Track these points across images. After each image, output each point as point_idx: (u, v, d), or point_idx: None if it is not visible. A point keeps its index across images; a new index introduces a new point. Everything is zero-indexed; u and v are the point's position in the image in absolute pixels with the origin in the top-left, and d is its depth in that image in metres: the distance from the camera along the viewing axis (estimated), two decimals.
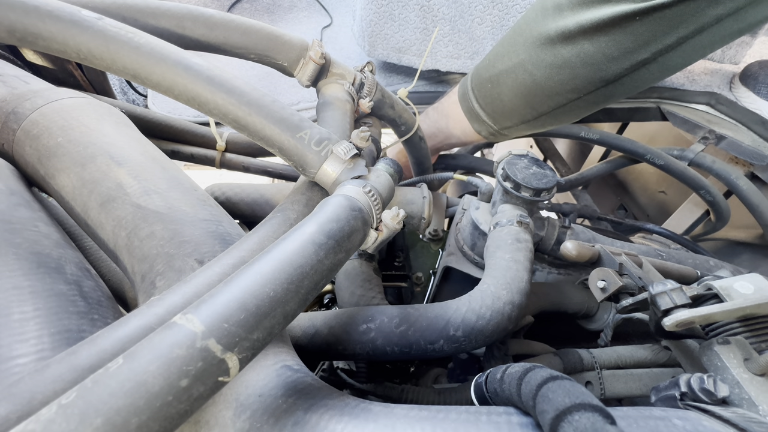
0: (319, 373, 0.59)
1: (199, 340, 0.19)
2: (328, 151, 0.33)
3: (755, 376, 0.33)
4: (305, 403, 0.28)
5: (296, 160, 0.33)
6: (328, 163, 0.33)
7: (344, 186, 0.32)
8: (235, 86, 0.31)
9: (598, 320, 0.61)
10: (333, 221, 0.27)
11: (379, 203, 0.32)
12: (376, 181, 0.34)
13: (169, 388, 0.18)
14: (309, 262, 0.24)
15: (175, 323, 0.20)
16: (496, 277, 0.46)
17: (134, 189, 0.39)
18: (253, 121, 0.31)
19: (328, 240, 0.26)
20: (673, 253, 0.68)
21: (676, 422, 0.27)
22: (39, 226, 0.38)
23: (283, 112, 0.32)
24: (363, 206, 0.30)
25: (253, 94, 0.32)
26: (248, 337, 0.21)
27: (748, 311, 0.34)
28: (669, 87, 0.99)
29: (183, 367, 0.19)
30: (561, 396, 0.25)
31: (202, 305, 0.21)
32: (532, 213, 0.59)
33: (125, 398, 0.18)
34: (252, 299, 0.21)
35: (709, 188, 0.92)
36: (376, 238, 0.32)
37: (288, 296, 0.23)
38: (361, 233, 0.30)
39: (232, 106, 0.31)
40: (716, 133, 0.90)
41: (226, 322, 0.20)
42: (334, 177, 0.33)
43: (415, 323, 0.43)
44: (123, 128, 0.47)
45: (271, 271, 0.23)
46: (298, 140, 0.32)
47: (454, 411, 0.28)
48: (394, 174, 0.36)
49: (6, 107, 0.44)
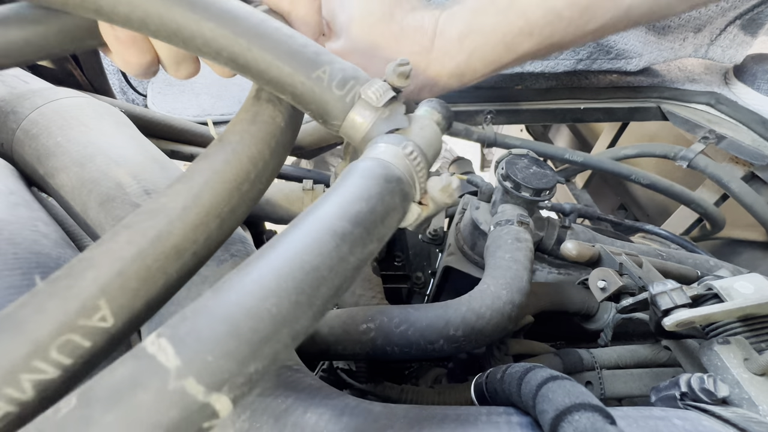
0: (319, 373, 0.59)
1: (172, 380, 0.14)
2: (356, 95, 0.25)
3: (755, 375, 0.33)
4: (305, 403, 0.28)
5: (314, 108, 0.25)
6: (355, 110, 0.25)
7: (377, 145, 0.24)
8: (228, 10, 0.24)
9: (598, 320, 0.61)
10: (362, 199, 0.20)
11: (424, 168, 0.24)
12: (420, 137, 0.25)
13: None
14: (327, 262, 0.18)
15: (144, 351, 0.15)
16: (496, 277, 0.46)
17: (134, 189, 0.39)
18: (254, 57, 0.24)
19: (355, 228, 0.19)
20: (673, 253, 0.68)
21: (676, 422, 0.27)
22: (38, 226, 0.38)
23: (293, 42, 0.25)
24: (402, 174, 0.22)
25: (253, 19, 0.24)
26: (242, 372, 0.15)
27: (748, 311, 0.34)
28: (669, 87, 0.99)
29: (151, 418, 0.14)
30: (561, 396, 0.25)
31: (180, 326, 0.15)
32: (533, 213, 0.59)
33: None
34: (246, 320, 0.16)
35: (698, 201, 0.92)
36: (419, 215, 0.24)
37: (298, 311, 0.17)
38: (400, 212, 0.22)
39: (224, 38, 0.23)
40: (716, 132, 0.90)
41: (210, 353, 0.15)
42: (364, 130, 0.25)
43: (415, 323, 0.43)
44: (122, 128, 0.47)
45: (273, 278, 0.17)
46: (315, 81, 0.24)
47: (454, 411, 0.28)
48: (442, 122, 0.28)
49: (5, 107, 0.44)
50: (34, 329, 0.17)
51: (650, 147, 0.99)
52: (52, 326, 0.17)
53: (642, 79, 1.00)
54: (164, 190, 0.22)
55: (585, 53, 0.91)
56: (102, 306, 0.18)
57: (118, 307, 0.19)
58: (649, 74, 1.01)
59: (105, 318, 0.18)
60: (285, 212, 0.77)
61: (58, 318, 0.17)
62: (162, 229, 0.20)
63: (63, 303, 0.18)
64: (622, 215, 1.38)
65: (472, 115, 0.99)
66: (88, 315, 0.18)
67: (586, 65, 0.94)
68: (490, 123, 0.99)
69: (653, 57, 0.92)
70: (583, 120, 1.03)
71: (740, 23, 0.87)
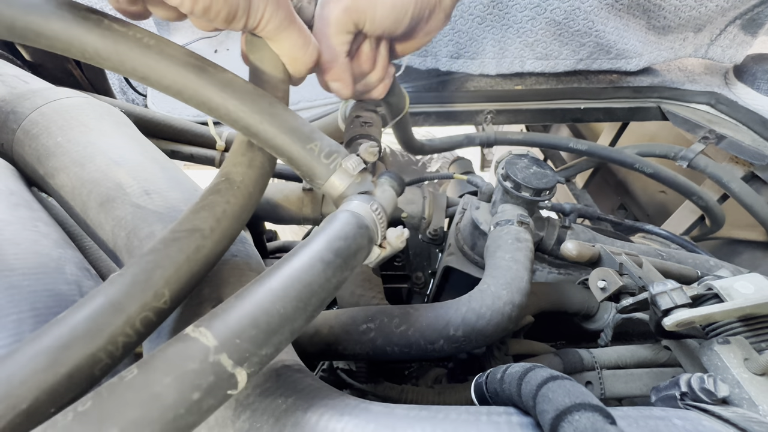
0: (319, 373, 0.59)
1: (211, 355, 0.20)
2: (337, 164, 0.33)
3: (755, 375, 0.33)
4: (305, 403, 0.28)
5: (304, 171, 0.33)
6: (336, 176, 0.33)
7: (351, 201, 0.32)
8: (248, 92, 0.31)
9: (598, 320, 0.61)
10: (341, 239, 0.27)
11: (384, 220, 0.33)
12: (382, 197, 0.34)
13: (181, 401, 0.19)
14: (317, 280, 0.25)
15: (188, 336, 0.21)
16: (496, 277, 0.46)
17: (134, 189, 0.39)
18: (264, 129, 0.31)
19: (336, 258, 0.26)
20: (673, 252, 0.68)
21: (676, 422, 0.27)
22: (38, 226, 0.38)
23: (294, 121, 0.32)
24: (369, 224, 0.30)
25: (265, 101, 0.32)
26: (257, 353, 0.21)
27: (748, 311, 0.34)
28: (669, 87, 0.99)
29: (195, 381, 0.19)
30: (561, 396, 0.25)
31: (214, 319, 0.22)
32: (533, 213, 0.59)
33: (139, 409, 0.18)
34: (263, 315, 0.22)
35: (700, 194, 0.92)
36: (379, 255, 0.33)
37: (296, 313, 0.23)
38: (366, 251, 0.30)
39: (243, 113, 0.30)
40: (716, 132, 0.90)
41: (238, 337, 0.21)
42: (341, 190, 0.33)
43: (415, 323, 0.43)
44: (122, 128, 0.47)
45: (281, 287, 0.23)
46: (308, 151, 0.32)
47: (454, 411, 0.28)
48: (397, 188, 0.37)
49: (5, 107, 0.44)
50: (129, 307, 0.25)
51: (650, 147, 0.99)
52: (138, 306, 0.25)
53: (642, 79, 1.00)
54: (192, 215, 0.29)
55: (585, 53, 0.91)
56: (166, 294, 0.26)
57: (174, 295, 0.27)
58: (649, 74, 1.01)
59: (166, 302, 0.26)
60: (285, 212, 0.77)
61: (142, 300, 0.25)
62: (199, 243, 0.28)
63: (145, 290, 0.26)
64: (622, 215, 1.38)
65: (472, 115, 0.99)
66: (159, 299, 0.26)
67: (586, 65, 0.94)
68: (491, 123, 0.99)
69: (653, 57, 0.92)
70: (583, 120, 1.03)
71: (740, 23, 0.87)
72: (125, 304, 0.25)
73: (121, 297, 0.25)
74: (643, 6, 0.83)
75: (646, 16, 0.86)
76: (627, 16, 0.86)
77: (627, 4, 0.83)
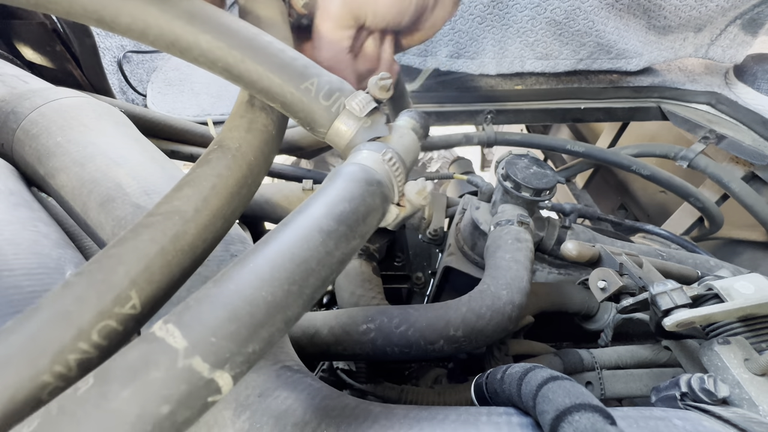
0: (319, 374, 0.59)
1: (180, 359, 0.16)
2: (340, 105, 0.27)
3: (755, 376, 0.33)
4: (305, 403, 0.28)
5: (302, 117, 0.27)
6: (340, 120, 0.27)
7: (359, 151, 0.26)
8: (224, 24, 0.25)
9: (598, 320, 0.61)
10: (345, 200, 0.22)
11: (402, 172, 0.27)
12: (399, 144, 0.28)
13: (146, 416, 0.16)
14: (315, 255, 0.20)
15: (154, 335, 0.17)
16: (496, 277, 0.46)
17: (133, 189, 0.39)
18: (247, 68, 0.25)
19: (339, 225, 0.21)
20: (673, 253, 0.68)
21: (676, 422, 0.27)
22: (38, 226, 0.38)
23: (284, 55, 0.26)
24: (382, 178, 0.25)
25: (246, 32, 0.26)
26: (241, 351, 0.17)
27: (749, 311, 0.34)
28: (670, 86, 0.99)
29: (162, 392, 0.16)
30: (561, 396, 0.25)
31: (184, 313, 0.18)
32: (533, 213, 0.59)
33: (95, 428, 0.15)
34: (245, 306, 0.18)
35: (697, 195, 0.92)
36: (398, 215, 0.27)
37: (290, 299, 0.19)
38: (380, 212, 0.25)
39: (220, 50, 0.25)
40: (717, 132, 0.90)
41: (213, 335, 0.17)
42: (348, 138, 0.28)
43: (415, 323, 0.43)
44: (122, 128, 0.47)
45: (267, 269, 0.19)
46: (303, 92, 0.26)
47: (454, 411, 0.28)
48: (419, 130, 0.30)
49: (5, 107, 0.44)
50: (80, 317, 0.20)
51: (650, 147, 0.99)
52: (93, 314, 0.20)
53: (642, 79, 1.00)
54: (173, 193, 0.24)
55: (585, 53, 0.91)
56: (133, 296, 0.21)
57: (144, 297, 0.22)
58: (649, 74, 1.01)
59: (135, 306, 0.21)
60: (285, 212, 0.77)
61: (98, 307, 0.20)
62: (179, 229, 0.23)
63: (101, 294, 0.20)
64: (623, 215, 1.38)
65: (472, 115, 0.99)
66: (122, 304, 0.21)
67: (586, 65, 0.94)
68: (491, 123, 0.99)
69: (654, 57, 0.92)
70: (583, 120, 1.03)
71: (740, 23, 0.87)
72: (74, 312, 0.20)
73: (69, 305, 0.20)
74: (644, 6, 0.83)
75: (646, 16, 0.86)
76: (627, 15, 0.86)
77: (627, 4, 0.83)
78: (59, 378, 0.19)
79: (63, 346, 0.19)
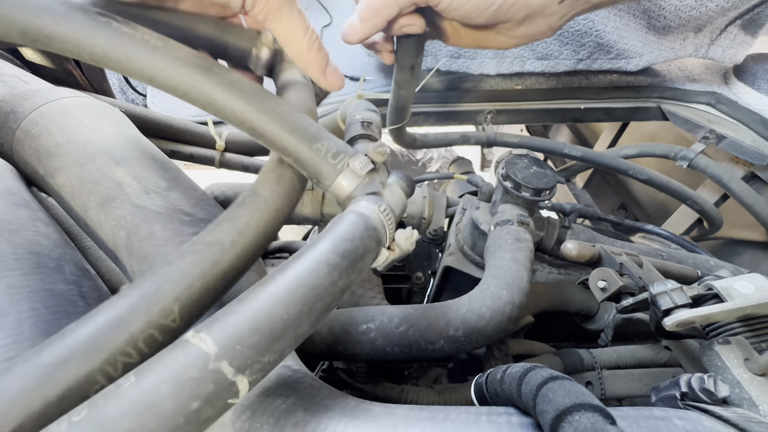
0: (319, 373, 0.59)
1: (211, 362, 0.19)
2: (344, 165, 0.32)
3: (756, 376, 0.33)
4: (305, 403, 0.28)
5: (311, 171, 0.32)
6: (343, 176, 0.32)
7: (359, 202, 0.31)
8: (253, 92, 0.31)
9: (598, 320, 0.61)
10: (347, 240, 0.26)
11: (393, 222, 0.32)
12: (391, 199, 0.33)
13: (180, 410, 0.18)
14: (323, 284, 0.24)
15: (188, 342, 0.20)
16: (496, 277, 0.46)
17: (133, 189, 0.39)
18: (270, 129, 0.31)
19: (342, 260, 0.25)
20: (673, 253, 0.68)
21: (676, 422, 0.27)
22: (38, 226, 0.38)
23: (301, 121, 0.32)
24: (377, 225, 0.30)
25: (271, 101, 0.31)
26: (260, 360, 0.21)
27: (749, 311, 0.34)
28: (670, 86, 0.99)
29: (194, 390, 0.19)
30: (561, 396, 0.25)
31: (215, 324, 0.21)
32: (533, 213, 0.59)
33: (136, 419, 0.18)
34: (265, 321, 0.21)
35: (695, 198, 0.92)
36: (387, 257, 0.32)
37: (300, 319, 0.22)
38: (375, 253, 0.29)
39: (249, 113, 0.30)
40: (717, 132, 0.90)
41: (239, 343, 0.20)
42: (349, 191, 0.33)
43: (415, 323, 0.43)
44: (122, 128, 0.47)
45: (284, 291, 0.22)
46: (314, 151, 0.31)
47: (454, 411, 0.28)
48: (406, 189, 0.36)
49: (5, 107, 0.44)
50: (132, 324, 0.23)
51: (650, 147, 0.99)
52: (142, 323, 0.23)
53: (642, 79, 1.00)
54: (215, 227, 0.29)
55: (585, 53, 0.91)
56: (175, 311, 0.24)
57: (183, 312, 0.25)
58: (649, 74, 1.01)
59: (175, 320, 0.24)
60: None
61: (147, 317, 0.23)
62: (218, 257, 0.27)
63: (151, 306, 0.24)
64: (623, 215, 1.38)
65: (472, 115, 0.99)
66: (166, 317, 0.24)
67: (586, 65, 0.94)
68: (491, 123, 0.99)
69: (653, 57, 0.92)
70: (583, 120, 1.03)
71: (740, 23, 0.87)
72: (129, 320, 0.23)
73: (125, 312, 0.23)
74: (644, 6, 0.83)
75: (646, 16, 0.86)
76: (627, 16, 0.86)
77: (627, 4, 0.83)
78: (106, 377, 0.22)
79: (116, 349, 0.22)
